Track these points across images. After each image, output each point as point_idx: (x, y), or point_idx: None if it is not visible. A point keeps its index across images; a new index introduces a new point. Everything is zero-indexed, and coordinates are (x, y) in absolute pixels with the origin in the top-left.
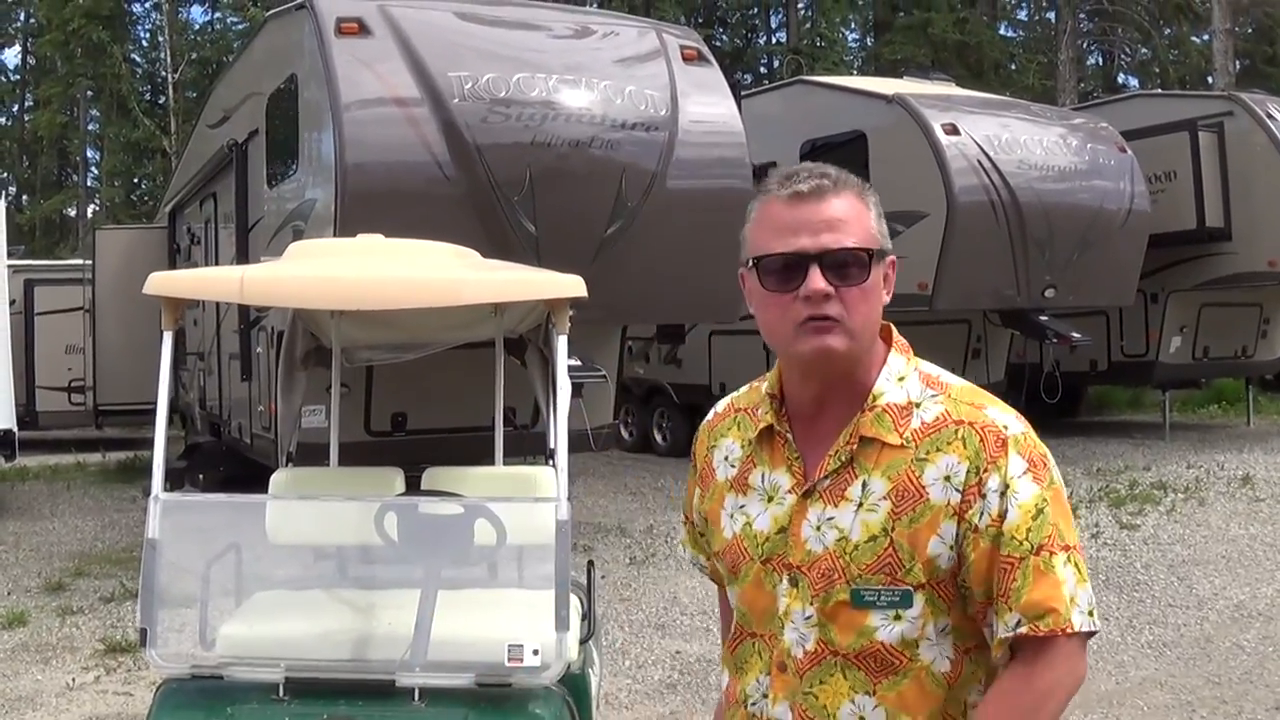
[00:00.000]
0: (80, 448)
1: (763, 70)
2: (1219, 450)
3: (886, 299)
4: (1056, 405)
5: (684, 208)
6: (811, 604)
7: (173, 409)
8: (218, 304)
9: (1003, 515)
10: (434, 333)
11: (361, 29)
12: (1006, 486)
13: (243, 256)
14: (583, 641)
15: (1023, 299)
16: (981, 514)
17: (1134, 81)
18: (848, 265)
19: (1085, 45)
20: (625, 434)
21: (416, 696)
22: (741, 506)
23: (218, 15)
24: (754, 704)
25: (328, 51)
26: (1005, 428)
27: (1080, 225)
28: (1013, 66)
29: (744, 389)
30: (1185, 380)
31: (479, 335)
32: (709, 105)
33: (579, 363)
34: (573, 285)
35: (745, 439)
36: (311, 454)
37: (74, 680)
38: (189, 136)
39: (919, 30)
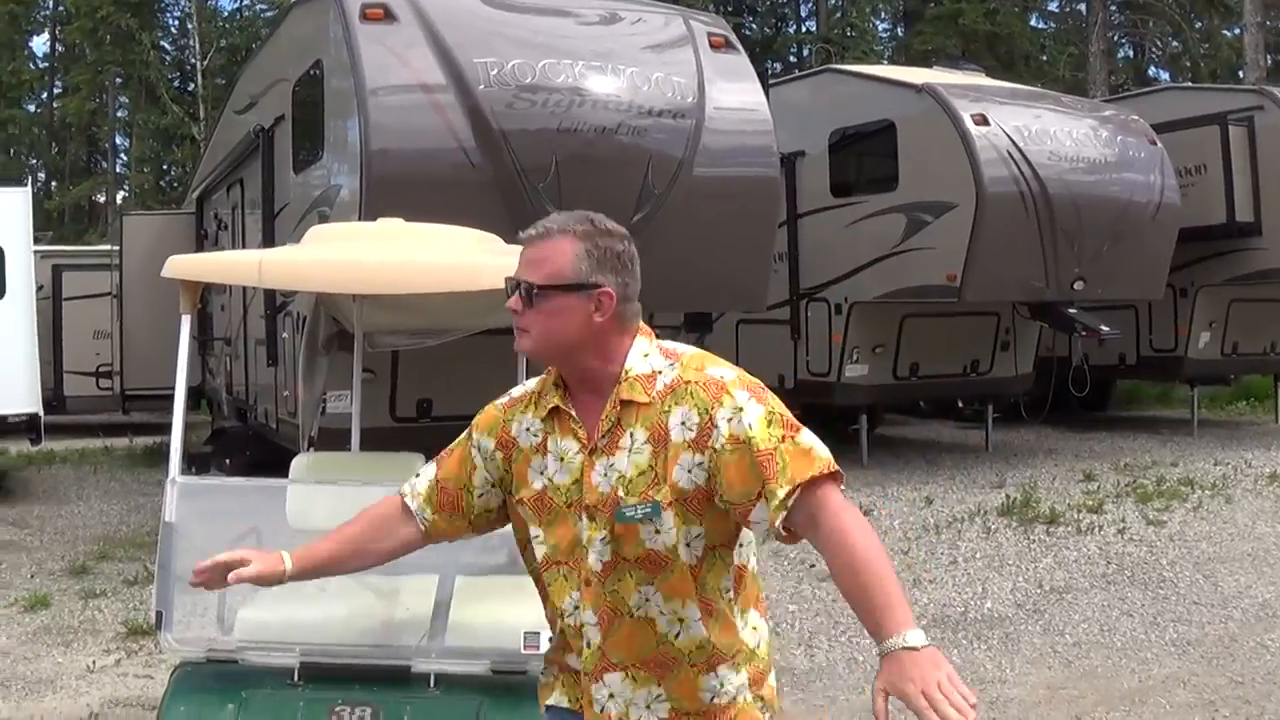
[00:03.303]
0: (107, 432)
1: (792, 59)
2: (1246, 447)
3: (599, 319)
4: (1085, 399)
5: (711, 195)
6: (604, 529)
7: (199, 394)
8: (244, 289)
9: (750, 427)
10: (456, 318)
11: (386, 15)
12: (740, 409)
13: (269, 242)
14: None
15: (1052, 291)
16: (718, 439)
17: (1164, 74)
18: (527, 294)
19: (1116, 37)
20: None
21: (432, 683)
22: (544, 467)
23: (246, 2)
24: (569, 615)
25: (353, 38)
26: (721, 376)
27: (1110, 218)
28: (1043, 58)
29: (534, 380)
30: (1214, 376)
31: (502, 321)
32: (736, 93)
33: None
34: None
35: (541, 416)
36: (337, 439)
37: (94, 663)
38: (216, 123)
39: (949, 20)
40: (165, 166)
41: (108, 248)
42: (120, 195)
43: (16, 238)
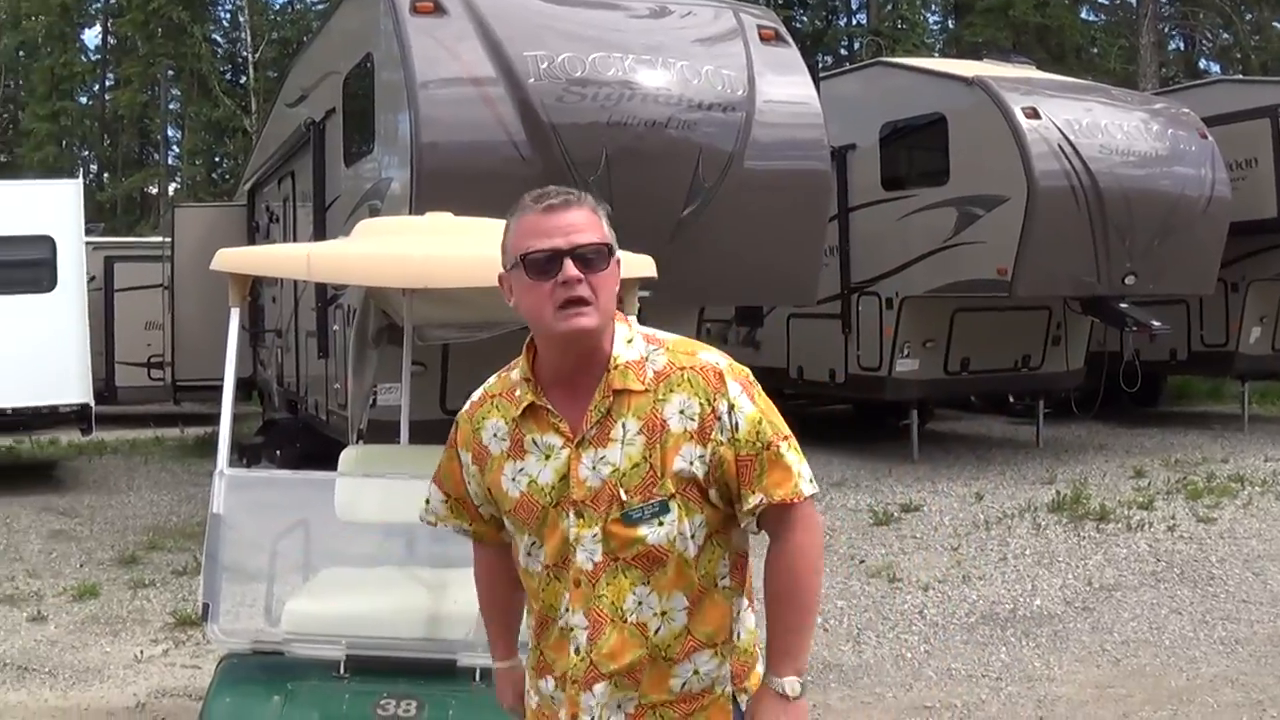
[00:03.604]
0: (159, 423)
1: (843, 52)
2: None
3: (615, 286)
4: (1136, 395)
5: (761, 189)
6: (597, 525)
7: (251, 385)
8: (295, 281)
9: (736, 427)
10: (506, 311)
11: (437, 8)
12: (733, 406)
13: (320, 234)
14: None
15: (1103, 286)
16: (722, 431)
17: (1215, 67)
18: (592, 257)
19: (1167, 30)
20: None
21: (477, 677)
22: (521, 469)
23: None
24: (562, 618)
25: (403, 31)
26: (716, 363)
27: (1161, 211)
28: (1094, 50)
29: (493, 379)
30: (1265, 372)
31: None
32: (787, 86)
33: None
34: (641, 265)
35: (509, 417)
36: (387, 431)
37: (142, 653)
38: (268, 116)
39: (1000, 13)
40: (217, 159)
41: (159, 239)
42: (172, 187)
43: (68, 229)
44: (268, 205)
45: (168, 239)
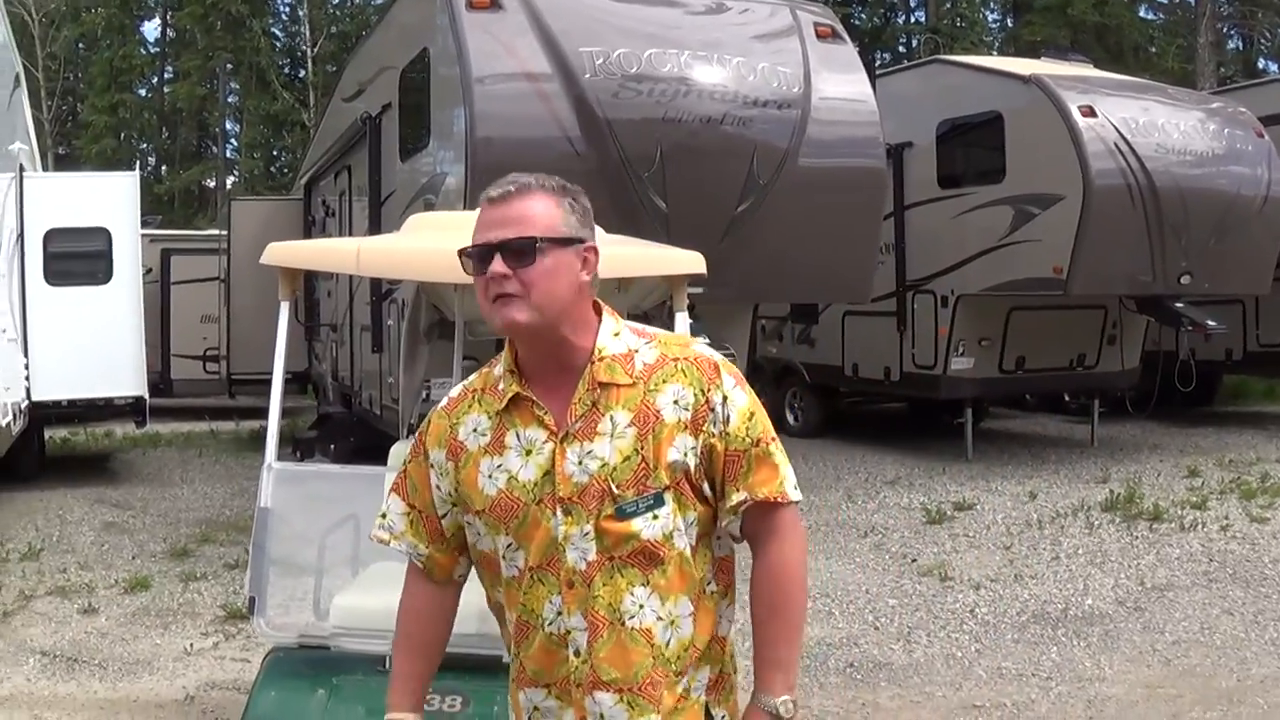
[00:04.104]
0: (214, 416)
1: (901, 50)
2: None
3: (585, 278)
4: (1190, 394)
5: (816, 186)
6: (588, 523)
7: (305, 379)
8: (350, 276)
9: (727, 420)
10: None
11: (493, 4)
12: (726, 398)
13: (375, 229)
14: None
15: (1159, 285)
16: (714, 423)
17: (1273, 66)
18: (521, 252)
19: (1225, 29)
20: None
21: None
22: (499, 465)
23: None
24: (550, 623)
25: (459, 26)
26: (711, 355)
27: (1217, 211)
28: (1152, 49)
29: (473, 376)
30: None
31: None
32: (843, 83)
33: (707, 341)
34: (692, 262)
35: (491, 411)
36: None
37: (192, 645)
38: (325, 110)
39: (1058, 11)
40: (275, 152)
41: (216, 232)
42: (230, 180)
43: (124, 222)
44: (324, 199)
45: (224, 232)
